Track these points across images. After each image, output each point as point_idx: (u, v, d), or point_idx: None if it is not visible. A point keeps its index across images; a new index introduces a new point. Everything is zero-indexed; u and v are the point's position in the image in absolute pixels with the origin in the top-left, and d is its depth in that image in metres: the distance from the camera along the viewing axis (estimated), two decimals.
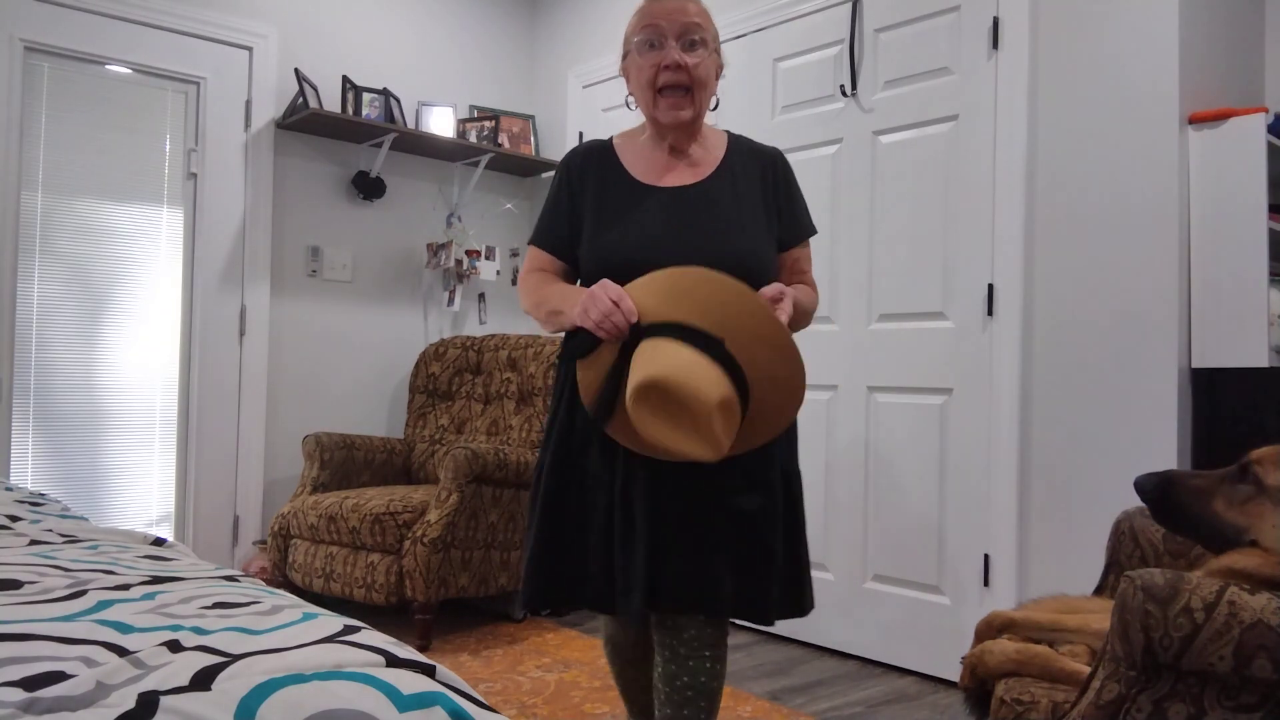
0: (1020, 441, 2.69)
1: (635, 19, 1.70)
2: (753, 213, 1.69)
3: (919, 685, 2.82)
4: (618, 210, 1.68)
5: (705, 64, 1.66)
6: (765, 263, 1.67)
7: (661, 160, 1.72)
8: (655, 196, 1.67)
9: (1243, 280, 2.38)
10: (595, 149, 1.77)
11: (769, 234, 1.71)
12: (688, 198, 1.67)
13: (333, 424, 3.94)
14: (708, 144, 1.74)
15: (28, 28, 3.28)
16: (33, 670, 0.88)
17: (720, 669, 1.75)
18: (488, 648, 3.10)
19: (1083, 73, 2.60)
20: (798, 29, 3.31)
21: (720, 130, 1.81)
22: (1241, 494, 1.48)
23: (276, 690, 0.84)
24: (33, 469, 3.32)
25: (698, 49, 1.65)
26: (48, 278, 3.35)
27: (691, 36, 1.65)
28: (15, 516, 1.84)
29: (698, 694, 1.75)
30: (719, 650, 1.75)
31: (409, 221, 4.17)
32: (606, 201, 1.70)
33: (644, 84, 1.67)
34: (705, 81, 1.67)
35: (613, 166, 1.73)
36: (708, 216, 1.65)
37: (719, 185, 1.69)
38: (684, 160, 1.71)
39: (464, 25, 4.36)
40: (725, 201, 1.67)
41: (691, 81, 1.65)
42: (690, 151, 1.72)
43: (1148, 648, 1.21)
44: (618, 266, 1.60)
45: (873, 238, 3.07)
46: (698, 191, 1.68)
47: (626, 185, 1.70)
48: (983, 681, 1.66)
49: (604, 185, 1.71)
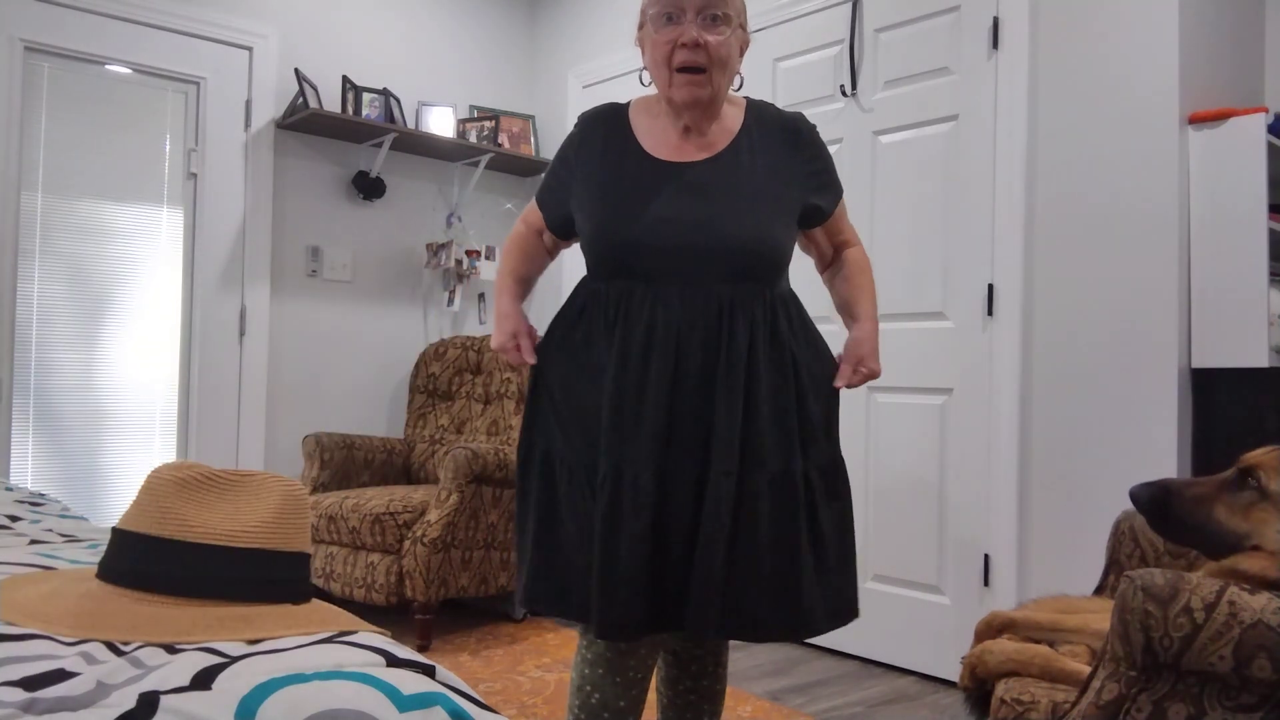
0: (1020, 441, 2.69)
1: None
2: (766, 188, 1.56)
3: (919, 685, 2.82)
4: (621, 183, 1.57)
5: (728, 42, 1.51)
6: (778, 245, 1.56)
7: (675, 135, 1.59)
8: (664, 173, 1.55)
9: (1243, 280, 2.37)
10: (608, 115, 1.65)
11: (785, 209, 1.58)
12: (699, 176, 1.55)
13: (333, 424, 3.94)
14: (725, 118, 1.61)
15: (28, 28, 3.28)
16: (33, 670, 0.88)
17: (723, 673, 1.74)
18: (488, 648, 3.10)
19: (1083, 73, 2.60)
20: (798, 29, 3.31)
21: (739, 98, 1.66)
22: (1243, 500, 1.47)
23: (277, 690, 0.84)
24: (33, 469, 3.32)
25: (720, 25, 1.50)
26: (48, 278, 3.34)
27: (714, 10, 1.49)
28: (15, 516, 1.84)
29: (700, 698, 1.74)
30: (722, 655, 1.74)
31: (409, 221, 4.17)
32: (610, 170, 1.59)
33: (659, 61, 1.53)
34: (726, 61, 1.53)
35: (624, 134, 1.61)
36: (718, 196, 1.53)
37: (731, 161, 1.57)
38: (699, 138, 1.59)
39: (464, 25, 4.36)
40: (739, 179, 1.55)
41: (710, 61, 1.50)
42: (706, 128, 1.59)
43: (1148, 648, 1.21)
44: (626, 249, 1.53)
45: (873, 238, 3.07)
46: (709, 168, 1.56)
47: (635, 157, 1.58)
48: (983, 681, 1.66)
49: (609, 152, 1.60)
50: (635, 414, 1.49)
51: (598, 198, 1.58)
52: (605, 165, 1.59)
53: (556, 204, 1.68)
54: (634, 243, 1.51)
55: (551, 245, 1.78)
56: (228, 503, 1.13)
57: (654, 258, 1.51)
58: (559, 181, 1.67)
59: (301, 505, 1.17)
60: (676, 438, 1.49)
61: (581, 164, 1.63)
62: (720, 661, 1.76)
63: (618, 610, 1.46)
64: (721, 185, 1.54)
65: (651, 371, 1.49)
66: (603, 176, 1.59)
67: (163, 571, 1.07)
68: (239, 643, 0.98)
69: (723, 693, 1.77)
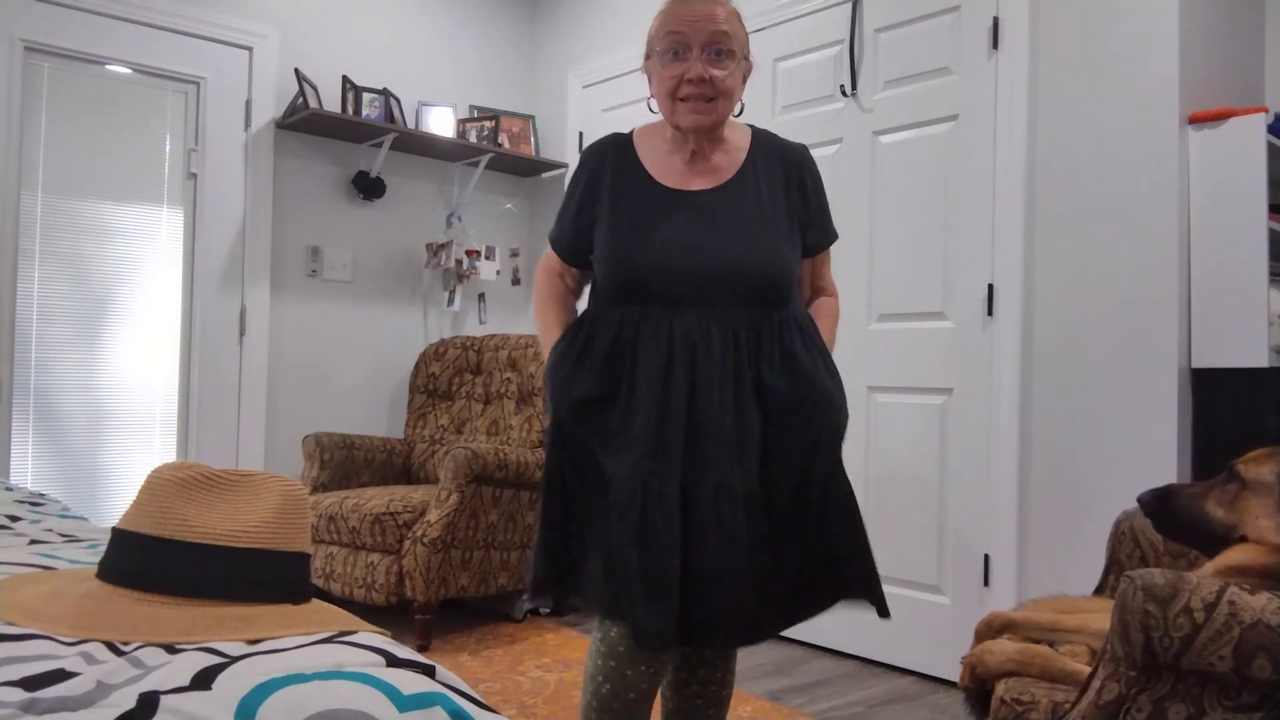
0: (1020, 441, 2.69)
1: (659, 20, 1.60)
2: (775, 216, 1.62)
3: (919, 685, 2.82)
4: (634, 213, 1.61)
5: (733, 74, 1.58)
6: (788, 269, 1.62)
7: (682, 163, 1.64)
8: (674, 201, 1.61)
9: (1243, 280, 2.37)
10: (613, 145, 1.70)
11: (790, 235, 1.64)
12: (708, 203, 1.60)
13: (333, 424, 3.94)
14: (730, 145, 1.66)
15: (28, 28, 3.28)
16: (33, 670, 0.88)
17: (730, 678, 1.75)
18: (488, 648, 3.10)
19: (1083, 73, 2.60)
20: (798, 29, 3.31)
21: (744, 126, 1.72)
22: (1229, 493, 1.56)
23: (277, 690, 0.84)
24: (33, 469, 3.32)
25: (724, 60, 1.56)
26: (48, 278, 3.34)
27: (719, 46, 1.55)
28: (15, 516, 1.84)
29: (707, 703, 1.75)
30: (731, 660, 1.75)
31: (409, 221, 4.17)
32: (622, 202, 1.63)
33: (665, 93, 1.59)
34: (731, 91, 1.59)
35: (632, 164, 1.66)
36: (729, 222, 1.58)
37: (741, 189, 1.62)
38: (705, 164, 1.64)
39: (464, 25, 4.36)
40: (747, 206, 1.61)
41: (716, 93, 1.56)
42: (712, 156, 1.65)
43: (1148, 648, 1.21)
44: (633, 273, 1.57)
45: (873, 238, 3.07)
46: (718, 196, 1.61)
47: (645, 186, 1.63)
48: (983, 681, 1.66)
49: (620, 184, 1.65)
50: (660, 430, 1.52)
51: (611, 225, 1.62)
52: (616, 194, 1.64)
53: (569, 236, 1.72)
54: (650, 267, 1.56)
55: (574, 284, 1.80)
56: (227, 503, 1.13)
57: (670, 281, 1.56)
58: (570, 212, 1.71)
59: (301, 505, 1.17)
60: (695, 452, 1.52)
61: (591, 195, 1.67)
62: (729, 667, 1.77)
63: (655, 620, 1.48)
64: (732, 212, 1.59)
65: (672, 389, 1.53)
66: (614, 205, 1.63)
67: (163, 571, 1.07)
68: (239, 643, 0.98)
69: (728, 698, 1.78)
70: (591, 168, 1.69)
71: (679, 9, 1.57)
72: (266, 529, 1.11)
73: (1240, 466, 1.56)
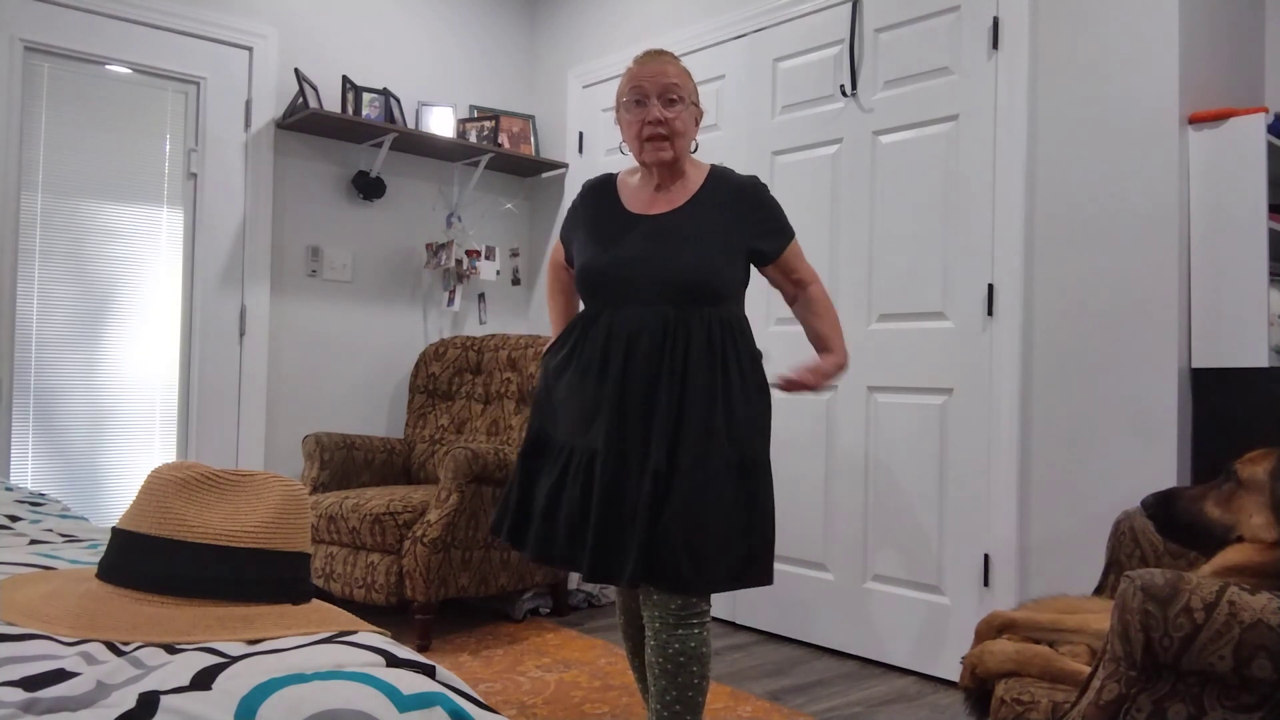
0: (1020, 441, 2.69)
1: (624, 80, 1.99)
2: (712, 232, 1.95)
3: (919, 685, 2.82)
4: (606, 233, 2.01)
5: (683, 116, 1.96)
6: (714, 271, 1.93)
7: (647, 194, 2.03)
8: (636, 223, 1.99)
9: (1243, 280, 2.37)
10: (600, 184, 2.12)
11: (727, 250, 1.97)
12: (660, 224, 1.97)
13: (333, 424, 3.94)
14: (688, 179, 2.03)
15: (28, 28, 3.28)
16: (33, 670, 0.88)
17: (706, 634, 1.90)
18: (488, 648, 3.10)
19: (1083, 73, 2.60)
20: (798, 29, 3.31)
21: (703, 164, 2.08)
22: (1226, 493, 1.58)
23: (277, 690, 0.84)
24: (33, 469, 3.32)
25: (676, 105, 1.96)
26: (48, 278, 3.34)
27: (670, 95, 1.95)
28: (15, 516, 1.84)
29: (655, 676, 1.90)
30: (704, 617, 1.90)
31: (409, 221, 4.17)
32: (599, 225, 2.04)
33: (632, 136, 1.99)
34: (683, 130, 1.97)
35: (610, 197, 2.07)
36: (672, 238, 1.94)
37: (688, 212, 1.97)
38: (665, 194, 2.01)
39: (464, 25, 4.36)
40: (689, 225, 1.95)
41: (671, 132, 1.94)
42: (671, 187, 2.02)
43: (1148, 648, 1.21)
44: (598, 278, 1.96)
45: (873, 238, 3.07)
46: (669, 218, 1.97)
47: (618, 214, 2.03)
48: (983, 681, 1.66)
49: (598, 212, 2.06)
50: (594, 405, 1.91)
51: (581, 243, 2.06)
52: (592, 220, 2.07)
53: (564, 242, 2.21)
54: (601, 273, 1.96)
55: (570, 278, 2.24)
56: (228, 503, 1.12)
57: (615, 285, 1.94)
58: (566, 227, 2.18)
59: (301, 505, 1.17)
60: (627, 424, 1.88)
61: (578, 221, 2.11)
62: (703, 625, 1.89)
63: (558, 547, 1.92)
64: (674, 230, 1.96)
65: (608, 372, 1.90)
66: (589, 228, 2.06)
67: (163, 572, 1.07)
68: (239, 643, 0.98)
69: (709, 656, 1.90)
70: (583, 199, 2.13)
71: (639, 69, 1.97)
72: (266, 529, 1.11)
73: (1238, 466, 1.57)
